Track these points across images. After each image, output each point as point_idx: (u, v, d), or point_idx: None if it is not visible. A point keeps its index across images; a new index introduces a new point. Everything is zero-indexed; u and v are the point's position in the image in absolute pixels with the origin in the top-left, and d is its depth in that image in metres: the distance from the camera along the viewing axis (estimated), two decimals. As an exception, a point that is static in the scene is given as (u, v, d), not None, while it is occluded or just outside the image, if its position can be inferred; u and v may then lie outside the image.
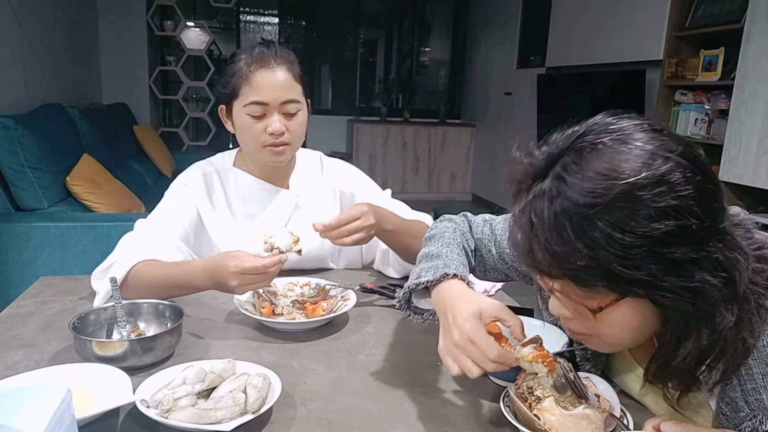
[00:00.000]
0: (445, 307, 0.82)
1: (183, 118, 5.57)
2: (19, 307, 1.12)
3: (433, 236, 1.02)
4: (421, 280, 0.89)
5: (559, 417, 0.69)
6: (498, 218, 1.06)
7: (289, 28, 6.72)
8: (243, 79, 1.23)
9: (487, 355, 0.73)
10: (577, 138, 0.66)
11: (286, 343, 1.01)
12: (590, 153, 0.64)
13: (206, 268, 1.03)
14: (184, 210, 1.28)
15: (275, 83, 1.22)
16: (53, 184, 2.59)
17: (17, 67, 3.12)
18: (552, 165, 0.66)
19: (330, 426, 0.77)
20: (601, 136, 0.64)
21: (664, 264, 0.61)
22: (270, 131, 1.23)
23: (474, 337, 0.74)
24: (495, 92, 6.06)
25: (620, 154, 0.62)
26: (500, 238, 1.02)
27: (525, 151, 0.71)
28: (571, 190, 0.62)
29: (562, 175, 0.64)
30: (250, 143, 1.26)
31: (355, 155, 6.28)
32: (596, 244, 0.60)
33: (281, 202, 1.36)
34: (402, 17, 6.95)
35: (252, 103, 1.22)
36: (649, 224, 0.59)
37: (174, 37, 5.33)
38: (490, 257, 1.03)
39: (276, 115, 1.23)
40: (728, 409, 0.71)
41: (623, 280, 0.62)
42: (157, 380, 0.79)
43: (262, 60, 1.23)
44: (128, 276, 1.09)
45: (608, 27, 4.11)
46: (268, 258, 0.99)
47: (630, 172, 0.60)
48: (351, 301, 1.11)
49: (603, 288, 0.64)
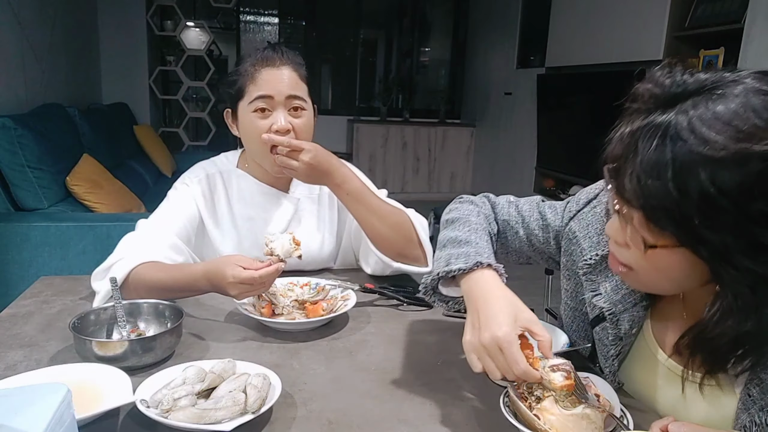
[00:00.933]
0: (477, 301, 0.79)
1: (183, 118, 5.58)
2: (19, 307, 1.12)
3: (457, 219, 0.99)
4: (452, 268, 0.85)
5: (559, 417, 0.70)
6: (521, 200, 1.05)
7: (289, 28, 6.72)
8: (248, 77, 1.23)
9: (512, 368, 0.72)
10: (715, 82, 0.64)
11: (286, 343, 1.01)
12: (722, 101, 0.61)
13: (207, 273, 1.03)
14: (186, 210, 1.28)
15: (280, 79, 1.23)
16: (53, 184, 2.59)
17: (17, 67, 3.12)
18: (679, 100, 0.64)
19: (330, 426, 0.77)
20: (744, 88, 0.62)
21: (745, 241, 0.60)
22: (275, 128, 1.22)
23: (505, 348, 0.72)
24: (495, 92, 6.06)
25: (757, 114, 0.60)
26: (528, 220, 1.00)
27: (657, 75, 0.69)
28: (689, 133, 0.60)
29: (688, 114, 0.62)
30: (257, 143, 1.25)
31: (355, 155, 6.28)
32: (689, 193, 0.59)
33: (282, 207, 1.36)
34: (402, 17, 6.94)
35: (257, 98, 1.22)
36: (751, 198, 0.58)
37: (174, 37, 5.33)
38: (516, 239, 1.01)
39: (281, 111, 1.23)
40: (757, 390, 0.70)
41: (696, 236, 0.61)
42: (157, 380, 0.79)
43: (268, 60, 1.24)
44: (129, 277, 1.09)
45: (608, 27, 4.11)
46: (264, 269, 1.00)
47: (758, 138, 0.58)
48: (351, 301, 1.11)
49: (671, 233, 0.63)
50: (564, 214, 0.98)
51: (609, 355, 0.87)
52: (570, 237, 0.94)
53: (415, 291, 1.23)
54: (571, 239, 0.93)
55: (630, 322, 0.84)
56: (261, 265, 1.00)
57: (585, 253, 0.90)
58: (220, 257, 1.07)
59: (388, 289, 1.23)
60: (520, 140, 5.51)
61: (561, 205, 1.00)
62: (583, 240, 0.91)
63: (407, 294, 1.21)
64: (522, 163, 5.46)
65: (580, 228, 0.92)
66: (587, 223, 0.92)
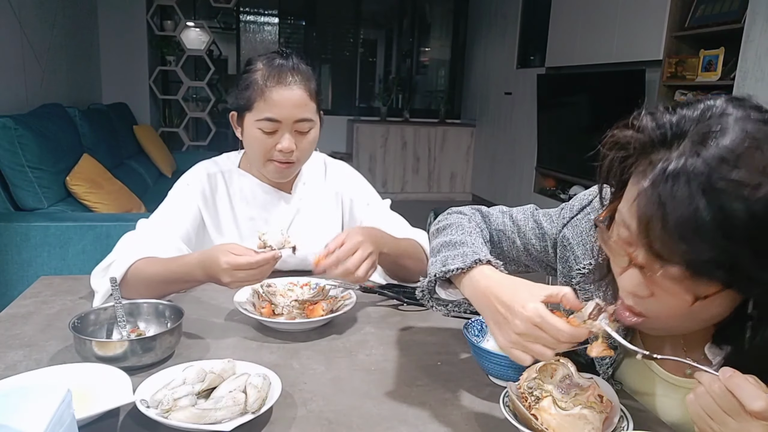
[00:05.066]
0: (488, 296, 0.76)
1: (183, 118, 5.57)
2: (19, 307, 1.12)
3: (449, 225, 0.97)
4: (449, 268, 0.82)
5: (557, 417, 0.70)
6: (514, 210, 1.03)
7: (289, 28, 6.72)
8: (258, 93, 1.21)
9: (558, 338, 0.68)
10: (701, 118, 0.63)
11: (286, 343, 1.01)
12: (723, 137, 0.60)
13: (201, 262, 1.03)
14: (187, 210, 1.28)
15: (290, 102, 1.21)
16: (53, 184, 2.59)
17: (17, 67, 3.12)
18: (674, 141, 0.63)
19: (330, 426, 0.77)
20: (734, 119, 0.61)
21: None
22: (279, 148, 1.23)
23: (540, 322, 0.68)
24: (495, 92, 6.06)
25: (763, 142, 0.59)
26: (524, 228, 0.99)
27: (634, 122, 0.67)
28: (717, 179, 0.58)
29: (700, 155, 0.59)
30: (258, 156, 1.26)
31: (355, 155, 6.28)
32: (735, 237, 0.57)
33: (283, 207, 1.36)
34: (402, 17, 6.94)
35: (265, 119, 1.21)
36: None
37: (174, 37, 5.33)
38: (513, 249, 1.00)
39: (287, 134, 1.23)
40: None
41: (747, 277, 0.60)
42: (157, 380, 0.79)
43: (279, 75, 1.21)
44: (127, 274, 1.09)
45: (608, 27, 4.11)
46: (261, 254, 0.99)
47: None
48: (351, 301, 1.11)
49: (717, 281, 0.61)
50: (558, 221, 0.97)
51: (603, 363, 0.88)
52: (564, 244, 0.93)
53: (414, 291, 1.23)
54: (566, 246, 0.93)
55: (623, 331, 0.81)
56: (257, 254, 0.99)
57: (579, 260, 0.90)
58: (214, 246, 1.06)
59: (388, 289, 1.23)
60: (520, 140, 5.51)
61: (555, 212, 0.99)
62: (577, 247, 0.91)
63: (407, 294, 1.21)
64: (522, 163, 5.46)
65: (574, 235, 0.92)
66: (581, 230, 0.91)
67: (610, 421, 0.73)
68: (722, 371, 0.60)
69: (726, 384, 0.59)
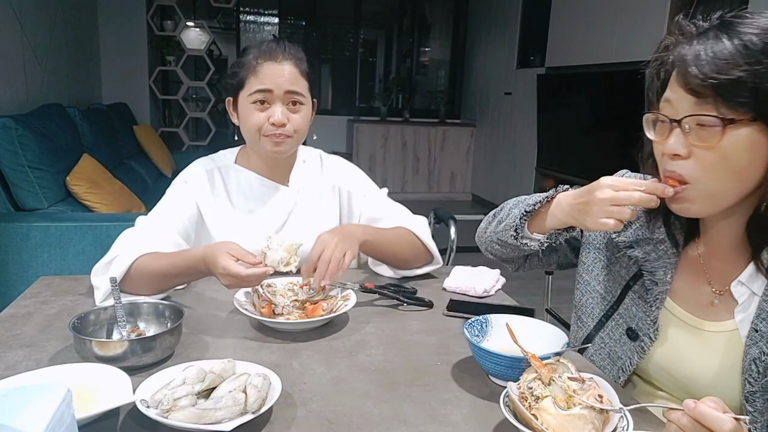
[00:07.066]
0: (570, 197, 0.91)
1: (183, 118, 5.58)
2: (19, 307, 1.12)
3: (504, 206, 1.10)
4: (533, 200, 0.97)
5: (557, 417, 0.70)
6: None
7: (289, 28, 6.72)
8: (250, 70, 1.25)
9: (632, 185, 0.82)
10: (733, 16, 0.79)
11: (286, 343, 1.01)
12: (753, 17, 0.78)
13: (204, 257, 1.05)
14: (185, 207, 1.29)
15: (281, 74, 1.24)
16: (53, 184, 2.59)
17: (18, 68, 3.12)
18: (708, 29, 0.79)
19: (330, 426, 0.77)
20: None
21: None
22: (272, 121, 1.24)
23: (614, 183, 0.83)
24: (495, 92, 6.06)
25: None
26: None
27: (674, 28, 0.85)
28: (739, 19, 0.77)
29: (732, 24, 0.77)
30: (252, 132, 1.27)
31: (355, 155, 6.28)
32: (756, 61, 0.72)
33: (281, 199, 1.37)
34: (402, 17, 6.95)
35: (257, 91, 1.24)
36: None
37: (174, 37, 5.33)
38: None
39: (279, 105, 1.25)
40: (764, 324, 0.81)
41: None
42: (157, 380, 0.79)
43: (270, 53, 1.25)
44: (130, 270, 1.09)
45: (608, 27, 4.11)
46: (251, 270, 1.00)
47: None
48: (351, 301, 1.11)
49: (746, 108, 0.74)
50: None
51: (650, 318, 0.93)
52: None
53: (415, 291, 1.24)
54: None
55: (663, 269, 0.93)
56: (252, 260, 1.02)
57: None
58: (217, 242, 1.08)
59: (388, 289, 1.23)
60: (520, 140, 5.51)
61: None
62: None
63: (407, 294, 1.21)
64: (522, 163, 5.46)
65: None
66: None
67: (610, 421, 0.73)
68: (685, 404, 0.64)
69: (692, 415, 0.63)
